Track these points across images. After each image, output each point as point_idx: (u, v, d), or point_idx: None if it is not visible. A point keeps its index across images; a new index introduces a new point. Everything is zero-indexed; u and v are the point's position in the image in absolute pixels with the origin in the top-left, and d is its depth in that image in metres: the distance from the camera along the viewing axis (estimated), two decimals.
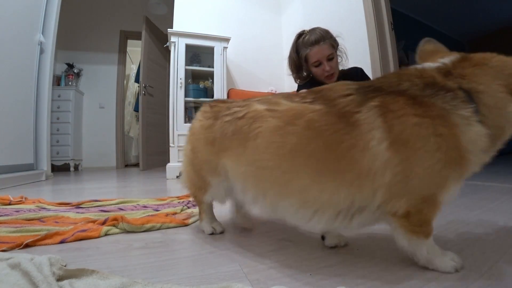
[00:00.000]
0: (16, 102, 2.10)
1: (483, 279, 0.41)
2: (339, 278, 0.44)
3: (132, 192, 1.52)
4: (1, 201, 1.11)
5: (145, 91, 3.28)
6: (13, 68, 2.07)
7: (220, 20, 2.98)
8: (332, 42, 1.26)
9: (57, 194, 1.53)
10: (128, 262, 0.53)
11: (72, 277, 0.44)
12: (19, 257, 0.49)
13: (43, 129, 2.40)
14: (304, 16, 2.79)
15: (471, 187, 1.30)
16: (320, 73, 1.27)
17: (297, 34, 1.33)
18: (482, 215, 0.79)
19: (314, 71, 1.30)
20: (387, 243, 0.59)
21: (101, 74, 3.99)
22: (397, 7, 4.12)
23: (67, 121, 3.42)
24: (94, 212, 0.95)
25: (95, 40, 3.99)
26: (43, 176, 2.32)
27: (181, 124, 2.33)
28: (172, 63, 2.40)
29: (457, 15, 4.68)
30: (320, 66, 1.25)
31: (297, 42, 1.32)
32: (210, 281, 0.44)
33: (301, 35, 1.30)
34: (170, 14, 2.92)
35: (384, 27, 1.85)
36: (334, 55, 1.27)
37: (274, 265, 0.50)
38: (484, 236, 0.61)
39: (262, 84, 3.09)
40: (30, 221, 0.83)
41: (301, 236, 0.66)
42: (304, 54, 1.27)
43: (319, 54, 1.24)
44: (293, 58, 1.36)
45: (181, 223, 0.79)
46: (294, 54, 1.35)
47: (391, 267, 0.47)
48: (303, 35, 1.29)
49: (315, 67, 1.28)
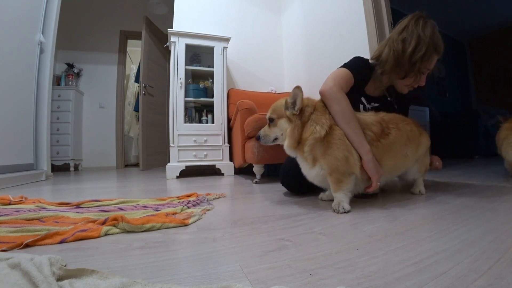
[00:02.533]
0: (16, 102, 2.10)
1: (483, 279, 0.41)
2: (339, 278, 0.44)
3: (132, 192, 1.52)
4: (1, 201, 1.11)
5: (145, 91, 3.28)
6: (13, 68, 2.07)
7: (220, 20, 2.98)
8: None
9: (57, 194, 1.53)
10: (128, 262, 0.53)
11: (72, 277, 0.44)
12: (19, 257, 0.49)
13: (43, 129, 2.40)
14: (304, 16, 2.79)
15: (471, 187, 1.30)
16: (410, 82, 1.10)
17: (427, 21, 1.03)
18: (482, 215, 0.79)
19: (411, 78, 1.08)
20: (387, 243, 0.59)
21: (101, 74, 3.99)
22: (397, 7, 4.11)
23: (67, 121, 3.43)
24: (94, 212, 0.95)
25: (95, 40, 3.99)
26: (43, 176, 2.32)
27: (181, 124, 2.33)
28: (172, 63, 2.40)
29: (457, 15, 4.67)
30: (418, 78, 1.09)
31: (432, 32, 1.02)
32: (210, 281, 0.44)
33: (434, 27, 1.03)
34: (170, 14, 2.93)
35: (384, 27, 1.85)
36: None
37: (274, 265, 0.50)
38: (484, 236, 0.61)
39: (262, 84, 3.09)
40: (30, 221, 0.83)
41: (301, 236, 0.66)
42: (430, 55, 1.03)
43: (432, 64, 1.07)
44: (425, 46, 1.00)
45: (181, 223, 0.79)
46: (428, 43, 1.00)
47: (391, 267, 0.47)
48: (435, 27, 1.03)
49: (416, 75, 1.07)
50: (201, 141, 2.37)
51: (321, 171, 0.95)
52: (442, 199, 1.05)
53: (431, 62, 1.06)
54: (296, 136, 0.96)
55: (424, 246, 0.56)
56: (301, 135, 0.96)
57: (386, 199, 1.09)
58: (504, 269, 0.44)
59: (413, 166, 1.12)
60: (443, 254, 0.52)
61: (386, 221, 0.77)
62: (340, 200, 0.92)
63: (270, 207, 1.02)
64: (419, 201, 1.03)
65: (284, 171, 1.29)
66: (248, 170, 2.30)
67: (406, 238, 0.62)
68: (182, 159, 2.31)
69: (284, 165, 1.33)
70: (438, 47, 1.04)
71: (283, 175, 1.31)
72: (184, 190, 1.54)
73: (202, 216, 0.89)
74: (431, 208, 0.92)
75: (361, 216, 0.84)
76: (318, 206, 1.01)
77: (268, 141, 1.04)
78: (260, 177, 1.81)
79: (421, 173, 1.15)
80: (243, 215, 0.93)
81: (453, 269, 0.45)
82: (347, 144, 0.94)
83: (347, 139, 0.95)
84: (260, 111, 1.96)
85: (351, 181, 0.94)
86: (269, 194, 1.31)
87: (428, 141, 1.16)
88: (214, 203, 1.13)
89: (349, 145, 0.94)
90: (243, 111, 1.94)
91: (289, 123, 0.98)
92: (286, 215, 0.89)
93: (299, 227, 0.75)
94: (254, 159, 1.73)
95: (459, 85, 5.49)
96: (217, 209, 1.02)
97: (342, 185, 0.92)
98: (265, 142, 1.04)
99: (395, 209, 0.91)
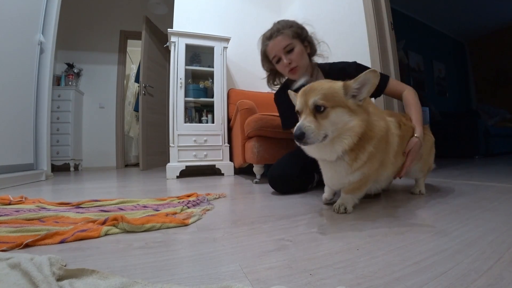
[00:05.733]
0: (16, 102, 2.10)
1: (483, 279, 0.41)
2: (339, 278, 0.44)
3: (132, 192, 1.52)
4: (1, 201, 1.11)
5: (145, 91, 3.28)
6: (13, 68, 2.07)
7: (220, 20, 2.98)
8: (292, 32, 1.12)
9: (57, 194, 1.53)
10: (128, 262, 0.53)
11: (72, 277, 0.44)
12: (19, 257, 0.49)
13: (43, 129, 2.40)
14: (304, 16, 2.78)
15: (471, 187, 1.30)
16: (282, 69, 1.16)
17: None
18: (482, 215, 0.79)
19: (278, 69, 1.19)
20: (387, 243, 0.59)
21: (101, 74, 3.99)
22: (397, 7, 4.12)
23: (67, 121, 3.43)
24: (94, 212, 0.95)
25: (95, 40, 3.99)
26: (43, 176, 2.32)
27: (181, 124, 2.34)
28: (172, 63, 2.40)
29: (457, 15, 4.67)
30: (280, 62, 1.15)
31: (261, 37, 1.20)
32: (210, 281, 0.44)
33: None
34: (170, 14, 2.92)
35: (384, 27, 1.85)
36: (295, 45, 1.12)
37: (274, 265, 0.50)
38: (484, 236, 0.61)
39: (262, 84, 3.08)
40: (30, 221, 0.83)
41: (301, 236, 0.66)
42: (263, 52, 1.17)
43: (275, 48, 1.13)
44: (263, 61, 1.24)
45: (181, 223, 0.79)
46: (262, 58, 1.24)
47: (391, 267, 0.47)
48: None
49: (277, 64, 1.17)
50: (201, 141, 2.37)
51: (358, 177, 0.82)
52: (442, 199, 1.05)
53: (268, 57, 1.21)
54: (364, 133, 0.76)
55: (424, 246, 0.56)
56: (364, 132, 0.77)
57: (386, 199, 1.09)
58: (504, 269, 0.44)
59: (415, 164, 1.11)
60: (443, 254, 0.52)
61: (386, 221, 0.77)
62: (346, 201, 0.88)
63: (270, 207, 1.02)
64: (419, 201, 1.03)
65: (283, 171, 1.29)
66: (248, 170, 2.30)
67: (406, 238, 0.62)
68: (182, 159, 2.31)
69: (282, 165, 1.32)
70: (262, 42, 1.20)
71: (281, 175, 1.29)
72: (184, 190, 1.53)
73: (202, 216, 0.89)
74: (431, 208, 0.91)
75: (361, 216, 0.84)
76: (318, 206, 1.01)
77: (317, 139, 0.72)
78: (260, 177, 1.81)
79: (423, 172, 1.15)
80: (243, 215, 0.93)
81: (453, 269, 0.45)
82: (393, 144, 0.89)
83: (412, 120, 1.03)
84: (260, 111, 1.96)
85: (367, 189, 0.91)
86: (269, 194, 1.31)
87: (431, 138, 1.15)
88: (214, 203, 1.13)
89: (394, 145, 0.90)
90: (243, 111, 1.94)
91: (353, 115, 0.74)
92: (286, 215, 0.89)
93: (299, 227, 0.75)
94: (254, 159, 1.73)
95: (459, 85, 5.49)
96: (217, 209, 1.02)
97: (358, 192, 0.87)
98: (312, 142, 0.71)
99: (395, 209, 0.91)
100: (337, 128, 0.74)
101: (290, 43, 1.12)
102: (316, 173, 1.36)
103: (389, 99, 1.79)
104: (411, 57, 4.47)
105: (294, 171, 1.28)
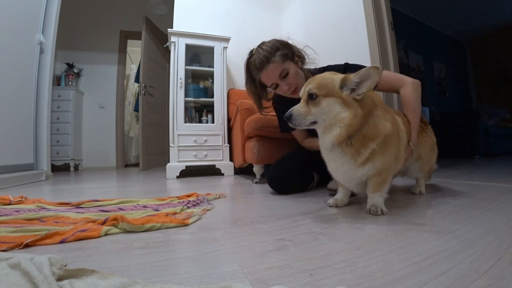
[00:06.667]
0: (16, 102, 2.10)
1: (483, 279, 0.41)
2: (339, 278, 0.44)
3: (132, 192, 1.52)
4: (1, 201, 1.11)
5: (145, 91, 3.28)
6: (13, 68, 2.07)
7: (220, 20, 2.98)
8: (281, 56, 1.10)
9: (57, 194, 1.53)
10: (128, 262, 0.53)
11: (72, 277, 0.44)
12: (19, 257, 0.49)
13: (43, 129, 2.40)
14: (304, 16, 2.79)
15: (471, 187, 1.30)
16: (283, 93, 1.17)
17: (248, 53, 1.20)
18: (482, 215, 0.79)
19: (278, 92, 1.20)
20: (387, 243, 0.59)
21: (101, 74, 3.99)
22: (397, 7, 4.12)
23: (67, 121, 3.43)
24: (94, 212, 0.95)
25: (95, 40, 3.99)
26: (43, 176, 2.32)
27: (181, 124, 2.33)
28: (172, 63, 2.40)
29: (457, 15, 4.67)
30: (278, 87, 1.16)
31: (248, 63, 1.19)
32: (210, 281, 0.44)
33: (251, 56, 1.17)
34: (170, 14, 2.92)
35: (384, 27, 1.85)
36: (289, 68, 1.12)
37: (274, 265, 0.50)
38: (484, 236, 0.61)
39: None
40: (30, 221, 0.83)
41: (301, 236, 0.66)
42: (258, 79, 1.17)
43: (270, 79, 1.14)
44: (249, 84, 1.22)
45: (181, 223, 0.79)
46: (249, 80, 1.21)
47: (391, 267, 0.47)
48: (252, 55, 1.17)
49: (275, 90, 1.18)
50: (201, 141, 2.37)
51: (371, 170, 0.83)
52: (442, 199, 1.05)
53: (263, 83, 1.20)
54: (356, 127, 0.77)
55: (424, 246, 0.56)
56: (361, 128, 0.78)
57: (386, 199, 1.09)
58: (504, 269, 0.44)
59: (413, 164, 1.11)
60: (443, 254, 0.52)
61: (386, 221, 0.77)
62: (378, 201, 0.87)
63: (270, 207, 1.02)
64: (419, 201, 1.03)
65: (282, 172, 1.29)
66: (248, 170, 2.30)
67: (406, 238, 0.62)
68: (182, 159, 2.31)
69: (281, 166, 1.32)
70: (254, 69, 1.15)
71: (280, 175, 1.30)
72: (184, 190, 1.53)
73: (202, 216, 0.89)
74: (431, 208, 0.92)
75: (361, 216, 0.84)
76: (318, 206, 1.01)
77: (303, 123, 0.80)
78: (260, 177, 1.81)
79: (423, 172, 1.15)
80: (243, 215, 0.93)
81: (453, 269, 0.45)
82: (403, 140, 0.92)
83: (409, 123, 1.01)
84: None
85: (391, 181, 0.91)
86: (269, 194, 1.31)
87: (431, 139, 1.15)
88: (214, 203, 1.13)
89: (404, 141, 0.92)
90: (243, 111, 1.94)
91: (345, 107, 0.77)
92: (286, 215, 0.89)
93: (299, 227, 0.75)
94: (254, 159, 1.73)
95: (459, 85, 5.49)
96: (217, 209, 1.02)
97: (384, 186, 0.87)
98: (298, 124, 0.80)
99: (395, 209, 0.91)
100: (328, 117, 0.79)
101: (283, 69, 1.11)
102: (316, 173, 1.36)
103: (389, 98, 1.79)
104: (411, 57, 4.47)
105: (293, 171, 1.29)
